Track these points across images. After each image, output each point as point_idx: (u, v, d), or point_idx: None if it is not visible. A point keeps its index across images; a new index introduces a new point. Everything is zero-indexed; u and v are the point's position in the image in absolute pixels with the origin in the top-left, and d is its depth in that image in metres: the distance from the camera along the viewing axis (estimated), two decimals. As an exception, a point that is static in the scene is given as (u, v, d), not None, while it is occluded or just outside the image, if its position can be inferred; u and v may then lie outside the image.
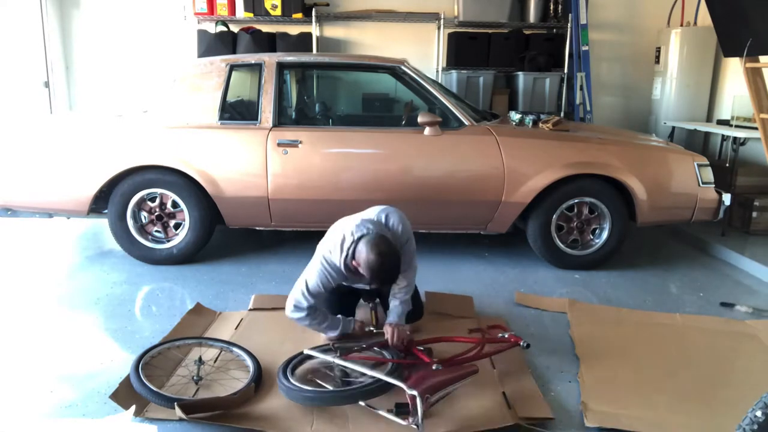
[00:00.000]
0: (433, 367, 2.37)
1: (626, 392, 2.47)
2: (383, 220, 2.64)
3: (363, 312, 2.99)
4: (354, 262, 2.48)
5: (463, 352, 2.61)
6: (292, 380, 2.36)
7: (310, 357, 2.56)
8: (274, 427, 2.19)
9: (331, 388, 2.35)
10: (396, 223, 2.65)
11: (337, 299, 2.86)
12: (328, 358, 2.47)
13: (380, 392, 2.26)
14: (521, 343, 2.66)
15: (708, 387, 2.54)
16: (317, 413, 2.28)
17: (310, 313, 2.62)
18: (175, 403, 2.16)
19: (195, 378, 2.47)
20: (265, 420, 2.23)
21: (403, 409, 2.20)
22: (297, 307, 2.61)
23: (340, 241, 2.52)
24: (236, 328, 2.99)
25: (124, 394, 2.30)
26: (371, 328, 2.73)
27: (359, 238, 2.47)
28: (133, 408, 2.25)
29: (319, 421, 2.23)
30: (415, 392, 2.09)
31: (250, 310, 3.23)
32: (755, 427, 1.67)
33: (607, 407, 2.34)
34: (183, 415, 2.14)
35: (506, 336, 2.74)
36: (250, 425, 2.19)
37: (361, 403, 2.25)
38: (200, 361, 2.56)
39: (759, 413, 1.67)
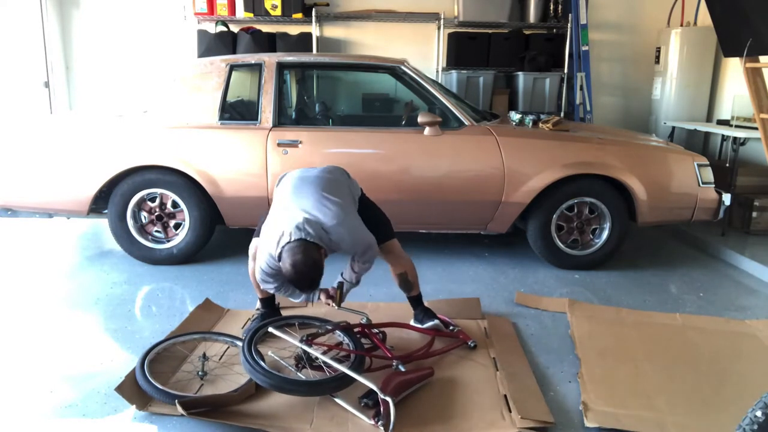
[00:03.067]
0: (393, 366, 2.50)
1: (627, 392, 2.47)
2: (324, 220, 2.49)
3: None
4: (280, 263, 2.44)
5: (417, 348, 2.73)
6: (256, 358, 2.36)
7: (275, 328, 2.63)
8: (274, 425, 2.19)
9: (293, 368, 2.49)
10: (334, 229, 2.49)
11: None
12: (295, 342, 2.53)
13: (347, 385, 2.33)
14: (469, 343, 2.82)
15: (708, 387, 2.54)
16: (317, 411, 2.29)
17: (277, 283, 2.59)
18: (176, 400, 2.18)
19: (200, 374, 2.49)
20: (265, 418, 2.23)
21: (369, 399, 2.29)
22: (264, 281, 2.58)
23: (278, 236, 2.43)
24: (243, 327, 3.00)
25: (129, 388, 2.33)
26: (334, 306, 2.74)
27: (286, 243, 2.39)
28: (133, 408, 2.27)
29: (319, 420, 2.24)
30: (389, 399, 2.18)
31: (257, 309, 3.23)
32: (755, 427, 1.67)
33: (608, 407, 2.34)
34: (183, 412, 2.15)
35: (456, 330, 2.90)
36: (250, 423, 2.20)
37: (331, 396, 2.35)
38: (204, 357, 2.58)
39: (759, 413, 1.67)
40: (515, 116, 4.20)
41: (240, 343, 2.70)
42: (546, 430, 2.24)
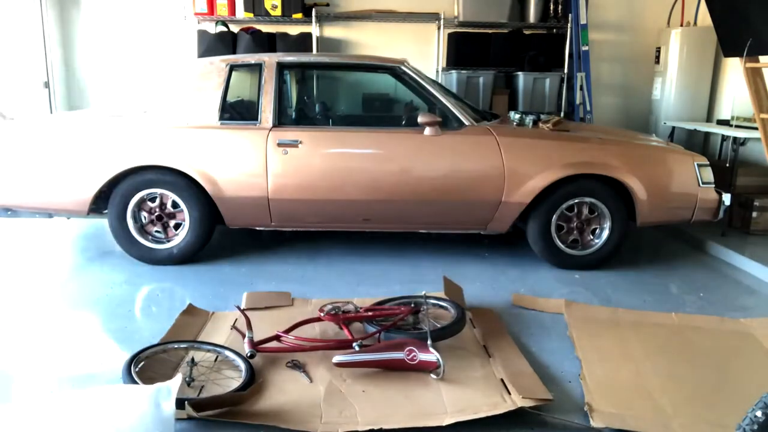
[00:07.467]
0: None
1: (629, 393, 2.47)
2: None
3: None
4: None
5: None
6: None
7: None
8: (284, 421, 2.20)
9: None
10: None
11: None
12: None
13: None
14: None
15: (709, 387, 2.54)
16: (324, 407, 2.30)
17: None
18: (186, 402, 2.15)
19: (187, 379, 2.43)
20: (274, 415, 2.24)
21: None
22: None
23: None
24: (232, 328, 2.98)
25: None
26: None
27: None
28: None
29: (328, 414, 2.26)
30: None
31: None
32: (755, 427, 1.67)
33: (612, 408, 2.35)
34: (194, 413, 2.13)
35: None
36: (261, 421, 2.20)
37: None
38: (193, 362, 2.53)
39: (759, 413, 1.67)
40: (515, 116, 4.20)
41: (227, 352, 2.63)
42: (545, 407, 2.32)
